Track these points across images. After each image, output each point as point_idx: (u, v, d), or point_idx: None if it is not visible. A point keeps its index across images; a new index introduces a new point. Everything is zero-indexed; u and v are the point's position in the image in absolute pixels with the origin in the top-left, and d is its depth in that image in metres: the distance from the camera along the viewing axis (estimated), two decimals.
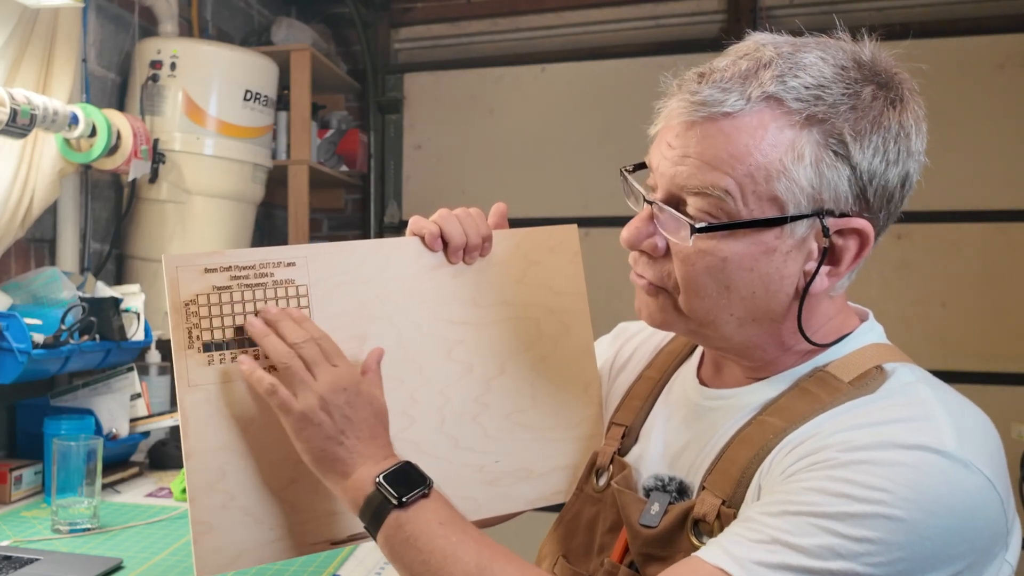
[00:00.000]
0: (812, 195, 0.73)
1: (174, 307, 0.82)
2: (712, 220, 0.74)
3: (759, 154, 0.73)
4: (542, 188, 2.94)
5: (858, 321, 0.85)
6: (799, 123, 0.73)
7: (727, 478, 0.77)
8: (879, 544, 0.65)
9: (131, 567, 1.31)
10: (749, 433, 0.79)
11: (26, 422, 1.84)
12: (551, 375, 0.97)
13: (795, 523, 0.67)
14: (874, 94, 0.74)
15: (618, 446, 0.92)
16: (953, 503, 0.66)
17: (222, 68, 2.21)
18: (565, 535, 0.93)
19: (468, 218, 0.93)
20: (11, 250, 1.86)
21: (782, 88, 0.73)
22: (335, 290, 0.88)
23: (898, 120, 0.75)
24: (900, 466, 0.67)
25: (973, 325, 2.60)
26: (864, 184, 0.74)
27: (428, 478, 0.81)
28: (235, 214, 2.31)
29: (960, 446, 0.68)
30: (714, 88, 0.74)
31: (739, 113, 0.73)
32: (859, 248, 0.76)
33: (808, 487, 0.69)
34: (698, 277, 0.77)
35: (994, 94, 2.58)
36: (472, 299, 0.94)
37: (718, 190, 0.73)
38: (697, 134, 0.75)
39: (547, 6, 2.93)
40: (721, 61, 0.77)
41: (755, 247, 0.75)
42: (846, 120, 0.73)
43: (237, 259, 0.84)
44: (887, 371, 0.77)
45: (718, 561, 0.68)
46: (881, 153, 0.74)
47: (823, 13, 2.64)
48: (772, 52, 0.75)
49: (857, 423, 0.72)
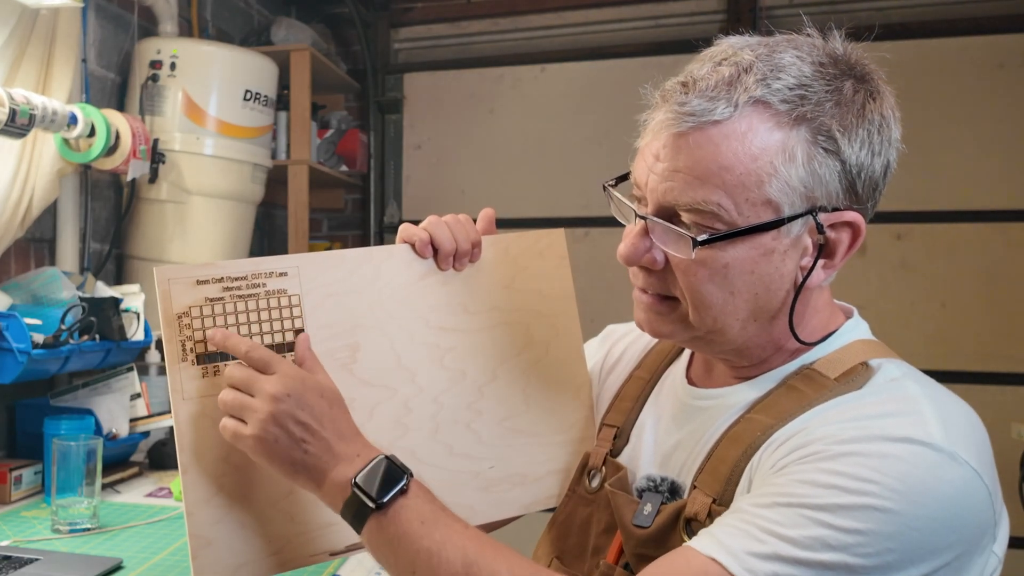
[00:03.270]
0: (805, 193, 0.74)
1: (167, 320, 0.81)
2: (709, 231, 0.75)
3: (749, 159, 0.73)
4: (542, 188, 2.94)
5: (844, 318, 0.86)
6: (788, 123, 0.73)
7: (717, 476, 0.78)
8: (869, 535, 0.66)
9: (131, 567, 1.32)
10: (738, 431, 0.80)
11: (26, 422, 1.84)
12: (543, 379, 0.97)
13: (786, 514, 0.68)
14: (854, 87, 0.75)
15: (610, 447, 0.92)
16: (941, 494, 0.67)
17: (222, 68, 2.21)
18: (558, 537, 0.93)
19: (457, 224, 0.93)
20: (11, 250, 1.86)
21: (767, 91, 0.73)
22: (327, 300, 0.87)
23: (879, 111, 0.76)
24: (889, 458, 0.68)
25: (973, 325, 2.60)
26: (853, 177, 0.75)
27: (406, 471, 0.77)
28: (235, 214, 2.31)
29: (947, 438, 0.69)
30: (701, 97, 0.74)
31: (727, 120, 0.73)
32: (852, 240, 0.78)
33: (798, 479, 0.70)
34: (702, 286, 0.77)
35: (994, 94, 2.58)
36: (463, 305, 0.94)
37: (711, 205, 0.74)
38: (686, 145, 0.75)
39: (547, 6, 2.93)
40: (700, 68, 0.77)
41: (754, 250, 0.75)
42: (832, 116, 0.74)
43: (229, 270, 0.84)
44: (873, 367, 0.78)
45: (710, 551, 0.69)
46: (867, 145, 0.75)
47: (823, 13, 2.64)
48: (751, 56, 0.75)
49: (844, 418, 0.73)
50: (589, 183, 2.88)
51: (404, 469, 0.77)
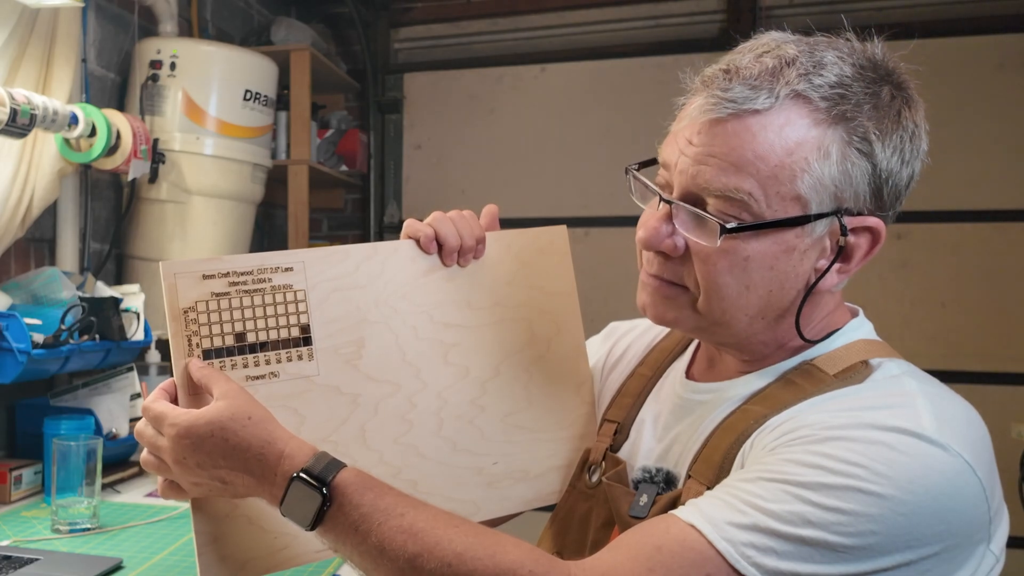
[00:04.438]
0: (834, 193, 0.74)
1: (173, 315, 0.81)
2: (736, 220, 0.74)
3: (784, 153, 0.73)
4: (542, 188, 2.94)
5: (849, 317, 0.86)
6: (825, 121, 0.74)
7: (710, 464, 0.79)
8: (851, 515, 0.66)
9: (131, 567, 1.31)
10: (732, 421, 0.80)
11: (26, 422, 1.84)
12: (545, 375, 0.97)
13: (769, 489, 0.68)
14: (892, 94, 0.76)
15: (610, 442, 0.93)
16: (930, 483, 0.67)
17: (222, 68, 2.21)
18: (559, 532, 0.94)
19: (462, 220, 0.93)
20: (11, 250, 1.86)
21: (809, 86, 0.73)
22: (332, 295, 0.87)
23: (913, 120, 0.77)
24: (877, 444, 0.68)
25: (973, 325, 2.60)
26: (881, 182, 0.76)
27: (324, 488, 0.71)
28: (235, 214, 2.31)
29: (939, 430, 0.69)
30: (744, 85, 0.74)
31: (767, 111, 0.73)
32: (870, 246, 0.78)
33: (785, 458, 0.70)
34: (720, 277, 0.77)
35: (994, 94, 2.58)
36: (467, 301, 0.94)
37: (742, 193, 0.74)
38: (724, 131, 0.74)
39: (547, 6, 2.93)
40: (743, 58, 0.77)
41: (776, 246, 0.75)
42: (870, 118, 0.74)
43: (235, 265, 0.84)
44: (873, 365, 0.78)
45: (691, 519, 0.69)
46: (899, 152, 0.76)
47: (823, 13, 2.64)
48: (794, 50, 0.75)
49: (838, 407, 0.73)
50: (589, 183, 2.88)
51: (321, 481, 0.72)
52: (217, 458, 0.75)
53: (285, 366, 0.85)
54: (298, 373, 0.85)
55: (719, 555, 0.67)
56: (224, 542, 0.82)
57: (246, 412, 0.75)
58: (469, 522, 0.73)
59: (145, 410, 0.79)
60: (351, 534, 0.71)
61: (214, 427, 0.74)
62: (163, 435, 0.77)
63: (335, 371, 0.86)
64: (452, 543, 0.69)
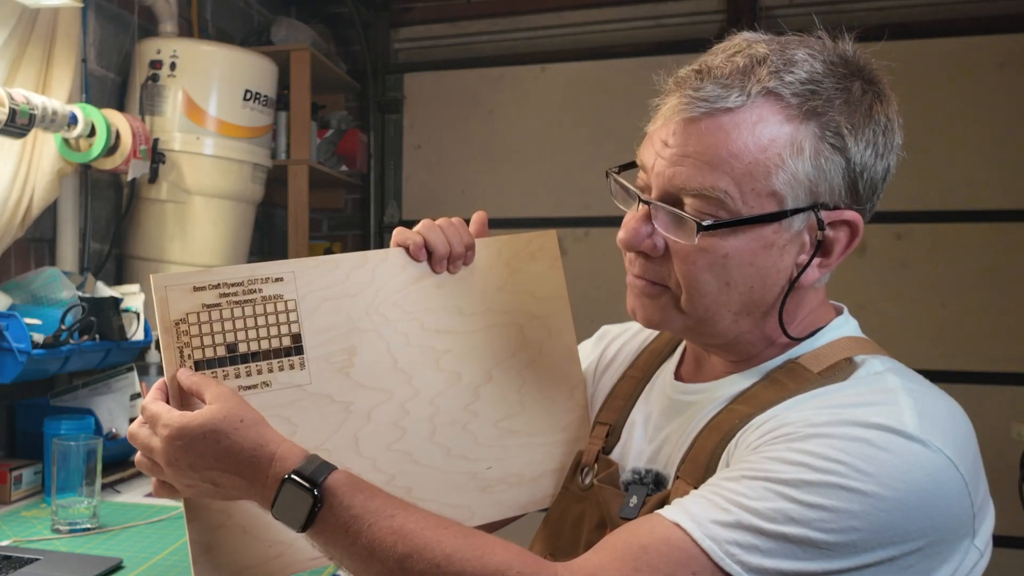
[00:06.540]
0: (809, 188, 0.75)
1: (164, 327, 0.81)
2: (712, 218, 0.75)
3: (758, 150, 0.74)
4: (542, 188, 2.94)
5: (834, 315, 0.86)
6: (798, 117, 0.74)
7: (697, 465, 0.79)
8: (833, 512, 0.67)
9: (131, 567, 1.32)
10: (719, 421, 0.81)
11: (26, 422, 1.84)
12: (537, 380, 0.97)
13: (752, 487, 0.69)
14: (863, 88, 0.77)
15: (602, 444, 0.93)
16: (911, 479, 0.68)
17: (222, 68, 2.21)
18: (552, 534, 0.94)
19: (451, 228, 0.94)
20: (11, 250, 1.86)
21: (780, 83, 0.74)
22: (323, 304, 0.88)
23: (885, 114, 0.77)
24: (858, 441, 0.69)
25: (973, 325, 2.61)
26: (856, 176, 0.76)
27: (315, 489, 0.72)
28: (235, 214, 2.31)
29: (920, 427, 0.70)
30: (716, 84, 0.75)
31: (739, 108, 0.74)
32: (849, 239, 0.79)
33: (767, 456, 0.71)
34: (700, 274, 0.78)
35: (994, 94, 2.58)
36: (457, 308, 0.94)
37: (717, 191, 0.74)
38: (698, 130, 0.75)
39: (547, 6, 2.93)
40: (714, 59, 0.78)
41: (755, 242, 0.76)
42: (841, 113, 0.75)
43: (225, 276, 0.84)
44: (857, 363, 0.79)
45: (676, 518, 0.70)
46: (872, 146, 0.76)
47: (823, 13, 2.63)
48: (765, 49, 0.76)
49: (820, 406, 0.74)
50: (589, 183, 2.88)
51: (312, 482, 0.72)
52: (209, 460, 0.75)
53: (277, 375, 0.85)
54: (290, 382, 0.85)
55: (704, 553, 0.67)
56: (219, 551, 0.82)
57: (238, 415, 0.76)
58: (459, 524, 0.74)
59: (143, 409, 0.80)
60: (342, 535, 0.72)
61: (206, 429, 0.75)
62: (157, 436, 0.77)
63: (327, 379, 0.87)
64: (441, 544, 0.70)
